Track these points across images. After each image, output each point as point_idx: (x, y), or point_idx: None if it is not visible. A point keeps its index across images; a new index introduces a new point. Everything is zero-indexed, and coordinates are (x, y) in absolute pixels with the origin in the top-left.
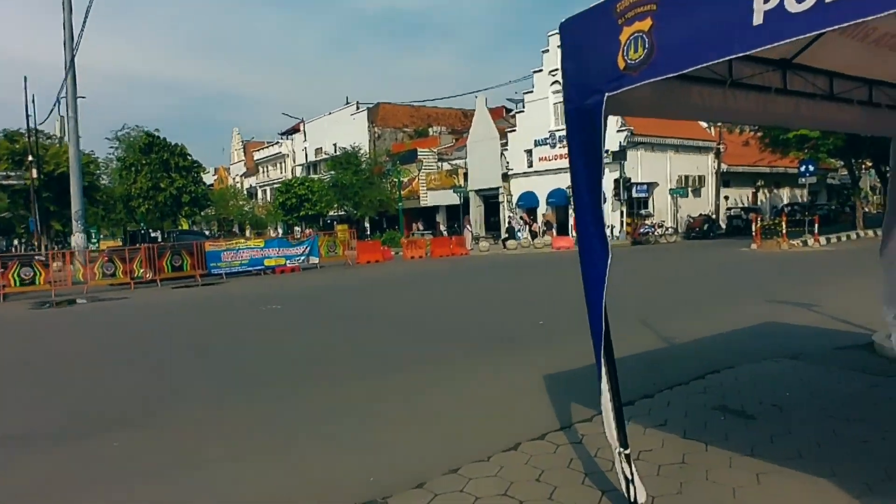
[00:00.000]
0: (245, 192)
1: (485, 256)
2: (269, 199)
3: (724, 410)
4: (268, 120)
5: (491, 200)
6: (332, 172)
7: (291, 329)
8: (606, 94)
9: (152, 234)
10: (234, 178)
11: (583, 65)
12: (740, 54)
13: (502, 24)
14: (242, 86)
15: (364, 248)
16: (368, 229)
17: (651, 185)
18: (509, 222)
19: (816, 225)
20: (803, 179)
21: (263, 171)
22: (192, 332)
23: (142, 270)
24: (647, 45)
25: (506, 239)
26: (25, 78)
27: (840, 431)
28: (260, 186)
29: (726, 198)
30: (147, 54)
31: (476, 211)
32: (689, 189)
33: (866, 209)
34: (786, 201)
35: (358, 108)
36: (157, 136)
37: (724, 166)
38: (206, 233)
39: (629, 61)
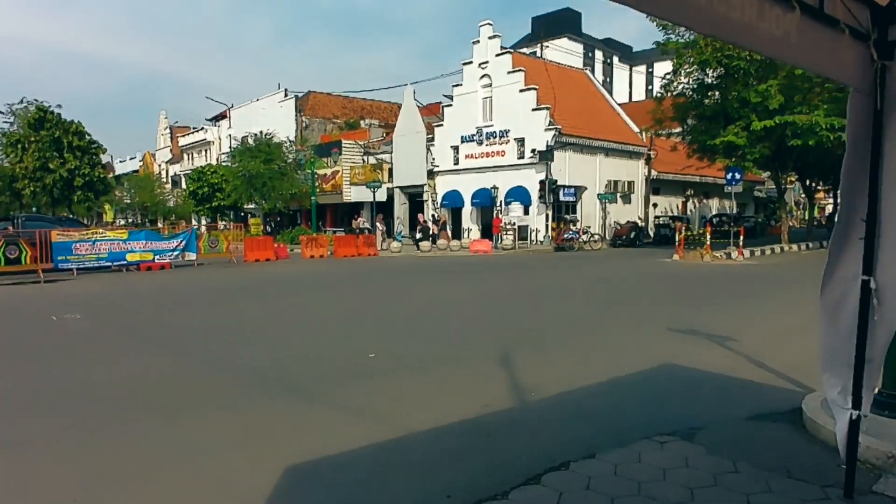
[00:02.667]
0: (169, 180)
1: (394, 258)
2: None
3: None
4: (202, 105)
5: (417, 198)
6: (241, 160)
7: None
8: None
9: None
10: (159, 165)
11: None
12: None
13: (458, 23)
14: (183, 72)
15: (253, 245)
16: (280, 224)
17: (579, 189)
18: (423, 222)
19: (741, 237)
20: (729, 188)
21: (189, 159)
22: None
23: None
24: None
25: (419, 240)
26: None
27: None
28: (185, 174)
29: (655, 205)
30: (77, 30)
31: (401, 209)
32: (619, 195)
33: (791, 223)
34: (714, 212)
35: (286, 95)
36: (50, 111)
37: (654, 173)
38: (85, 220)
39: None
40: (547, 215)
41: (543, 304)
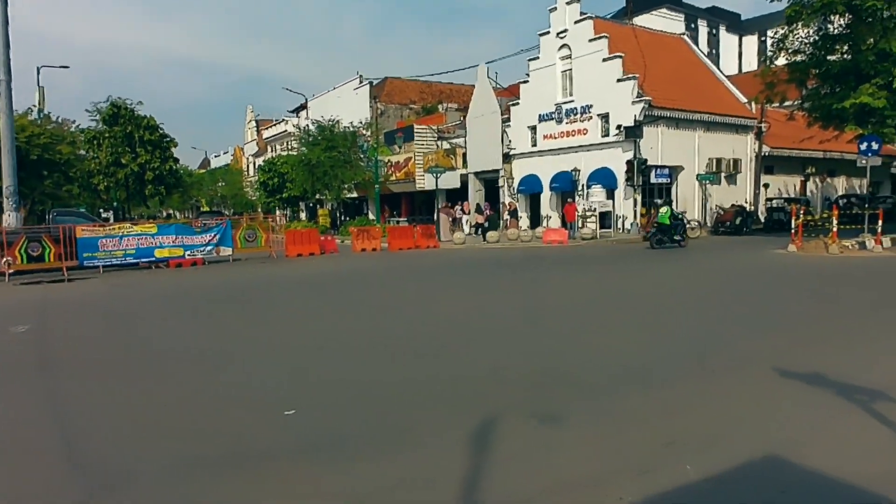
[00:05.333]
0: (255, 173)
1: (456, 251)
2: None
3: None
4: (287, 98)
5: (493, 184)
6: (304, 149)
7: None
8: None
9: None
10: (247, 158)
11: None
12: None
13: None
14: (279, 69)
15: (295, 239)
16: (343, 215)
17: (674, 170)
18: (487, 209)
19: (880, 221)
20: (864, 160)
21: (272, 151)
22: None
23: None
24: None
25: (486, 230)
26: None
27: None
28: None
29: (766, 186)
30: (179, 36)
31: (476, 196)
32: (723, 175)
33: None
34: (841, 192)
35: (361, 82)
36: (124, 107)
37: (766, 149)
38: (105, 214)
39: None
40: (635, 199)
41: (598, 323)
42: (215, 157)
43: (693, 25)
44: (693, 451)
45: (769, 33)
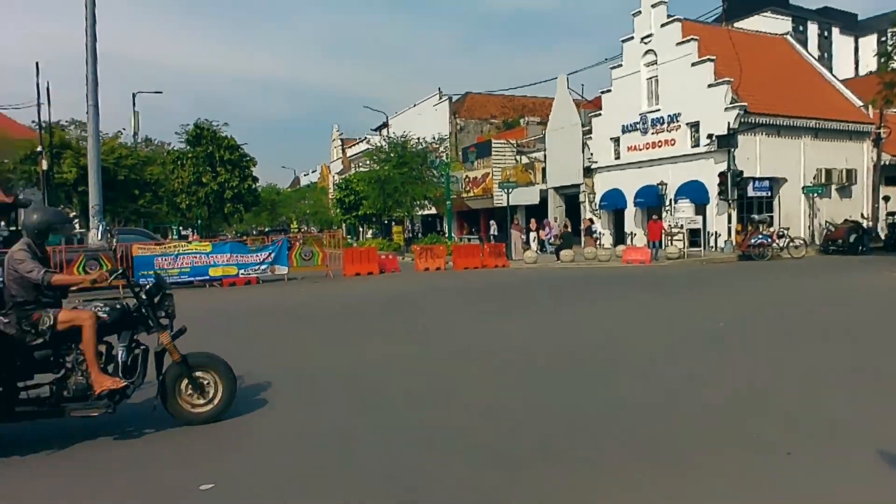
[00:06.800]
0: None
1: (522, 271)
2: None
3: None
4: (373, 117)
5: (573, 200)
6: (375, 166)
7: None
8: None
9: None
10: (333, 176)
11: None
12: None
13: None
14: (360, 88)
15: (354, 258)
16: (421, 231)
17: (775, 182)
18: (565, 227)
19: None
20: None
21: (356, 168)
22: None
23: None
24: None
25: (559, 248)
26: (37, 64)
27: None
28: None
29: (886, 199)
30: (275, 63)
31: (556, 211)
32: (833, 187)
33: None
34: None
35: (441, 98)
36: (208, 128)
37: (886, 157)
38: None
39: None
40: (729, 215)
41: (635, 367)
42: (304, 175)
43: (801, 28)
44: None
45: (890, 31)
